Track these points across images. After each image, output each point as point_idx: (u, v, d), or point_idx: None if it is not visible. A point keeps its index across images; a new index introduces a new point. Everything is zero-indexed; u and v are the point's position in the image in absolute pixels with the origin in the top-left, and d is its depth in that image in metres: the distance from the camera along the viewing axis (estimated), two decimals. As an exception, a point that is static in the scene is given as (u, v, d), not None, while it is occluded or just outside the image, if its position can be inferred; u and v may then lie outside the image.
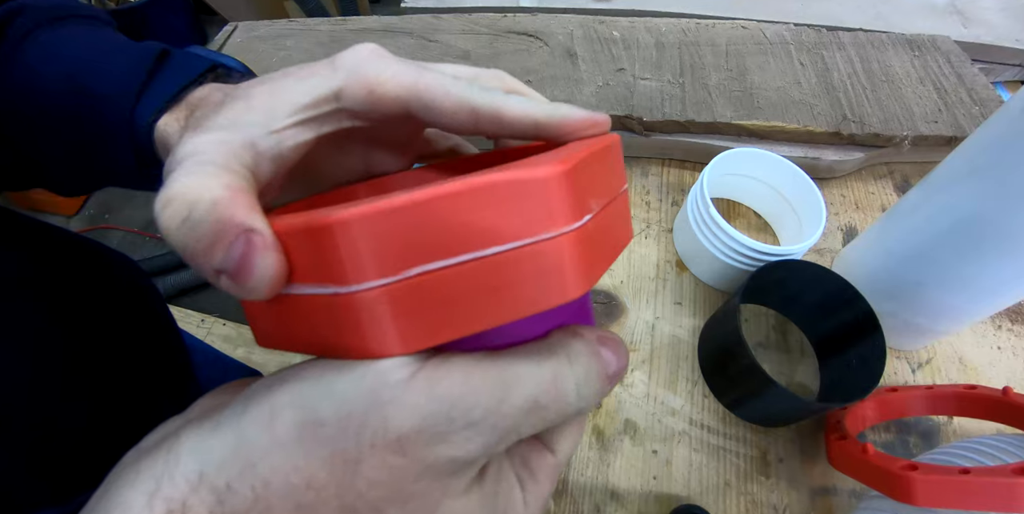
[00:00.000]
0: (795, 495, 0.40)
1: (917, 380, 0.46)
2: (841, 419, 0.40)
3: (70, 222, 1.54)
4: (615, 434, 0.43)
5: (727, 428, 0.43)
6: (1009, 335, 0.49)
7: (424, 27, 0.67)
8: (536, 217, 0.12)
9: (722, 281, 0.50)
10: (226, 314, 1.20)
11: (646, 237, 0.54)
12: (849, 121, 0.57)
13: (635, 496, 0.40)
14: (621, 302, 0.49)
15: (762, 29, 0.67)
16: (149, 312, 0.39)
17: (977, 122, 0.58)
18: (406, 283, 0.12)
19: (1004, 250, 0.36)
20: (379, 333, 0.12)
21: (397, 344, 0.12)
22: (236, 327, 1.18)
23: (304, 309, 0.13)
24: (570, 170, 0.13)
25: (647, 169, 0.59)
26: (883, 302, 0.42)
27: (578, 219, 0.13)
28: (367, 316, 0.12)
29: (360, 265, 0.12)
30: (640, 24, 0.67)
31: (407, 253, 0.12)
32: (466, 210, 0.12)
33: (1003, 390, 0.38)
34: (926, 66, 0.64)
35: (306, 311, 0.13)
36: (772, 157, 0.50)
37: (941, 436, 0.44)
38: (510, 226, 0.12)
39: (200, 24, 1.98)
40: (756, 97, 0.58)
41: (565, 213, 0.13)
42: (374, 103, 0.16)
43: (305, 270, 0.13)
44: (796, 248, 0.44)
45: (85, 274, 0.34)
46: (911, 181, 0.60)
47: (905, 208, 0.43)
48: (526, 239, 0.13)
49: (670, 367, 0.46)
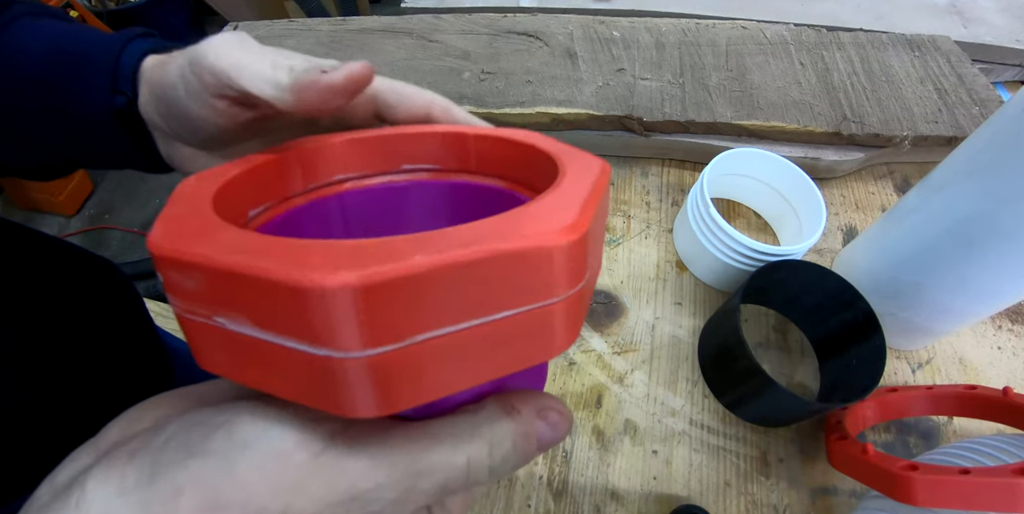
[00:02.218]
0: (795, 495, 0.40)
1: (917, 380, 0.46)
2: (841, 419, 0.40)
3: (70, 222, 1.54)
4: (615, 434, 0.43)
5: (727, 428, 0.43)
6: (1009, 335, 0.49)
7: (424, 27, 0.67)
8: (549, 282, 0.12)
9: (722, 281, 0.50)
10: (226, 314, 1.20)
11: (646, 237, 0.54)
12: (849, 121, 0.57)
13: (635, 496, 0.40)
14: (621, 302, 0.49)
15: (762, 29, 0.67)
16: (123, 313, 0.39)
17: (977, 122, 0.58)
18: (404, 350, 0.11)
19: (1004, 250, 0.36)
20: (358, 396, 0.11)
21: (373, 406, 0.12)
22: (236, 327, 1.18)
23: (270, 354, 0.12)
24: (586, 234, 0.12)
25: (647, 169, 0.59)
26: (883, 302, 0.42)
27: (580, 280, 0.13)
28: (352, 380, 0.11)
29: (357, 333, 0.11)
30: (640, 24, 0.67)
31: (410, 320, 0.11)
32: (479, 277, 0.11)
33: (1003, 390, 0.38)
34: (926, 66, 0.64)
35: (274, 356, 0.12)
36: (772, 157, 0.50)
37: (941, 436, 0.44)
38: (523, 292, 0.12)
39: (200, 24, 1.98)
40: (756, 97, 0.58)
41: (575, 275, 0.13)
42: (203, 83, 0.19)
43: (273, 317, 0.11)
44: (796, 248, 0.44)
45: (48, 275, 0.34)
46: (911, 181, 0.60)
47: (905, 208, 0.43)
48: (535, 303, 0.12)
49: (670, 367, 0.46)
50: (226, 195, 0.15)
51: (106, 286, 0.38)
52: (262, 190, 0.18)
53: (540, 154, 0.18)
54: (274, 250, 0.11)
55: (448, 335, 0.12)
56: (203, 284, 0.12)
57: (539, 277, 0.12)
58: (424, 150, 0.21)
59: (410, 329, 0.11)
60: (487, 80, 0.59)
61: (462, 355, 0.12)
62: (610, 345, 0.47)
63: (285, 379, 0.12)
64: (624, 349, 0.47)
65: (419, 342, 0.11)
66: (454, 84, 0.59)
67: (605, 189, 0.15)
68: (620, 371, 0.46)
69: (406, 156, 0.21)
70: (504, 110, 0.56)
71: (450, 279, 0.11)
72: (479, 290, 0.11)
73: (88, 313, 0.35)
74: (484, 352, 0.12)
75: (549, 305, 0.12)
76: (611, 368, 0.46)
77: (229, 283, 0.11)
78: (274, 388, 0.12)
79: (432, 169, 0.22)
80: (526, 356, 0.13)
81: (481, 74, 0.60)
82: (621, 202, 0.56)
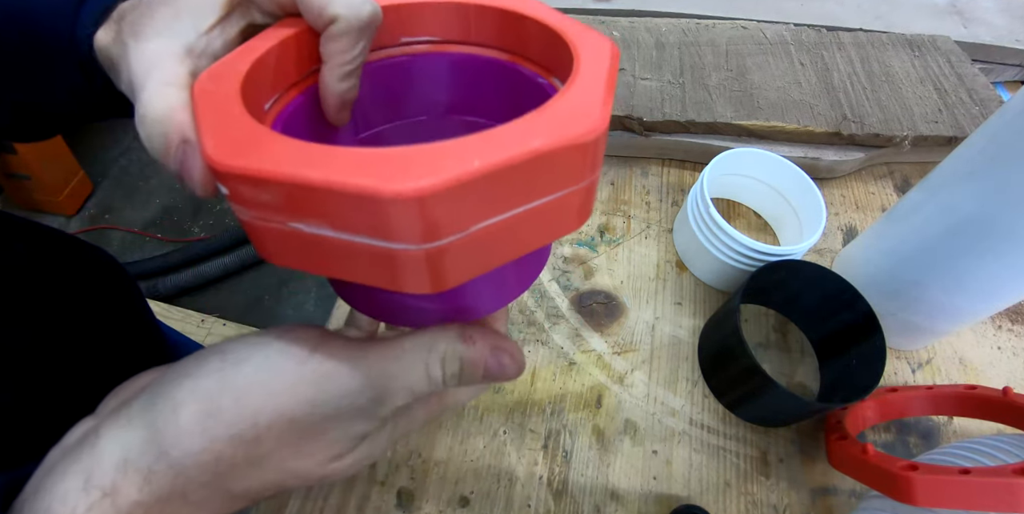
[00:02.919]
0: (795, 495, 0.40)
1: (917, 380, 0.46)
2: (841, 419, 0.40)
3: (70, 222, 1.54)
4: (615, 434, 0.43)
5: (727, 428, 0.43)
6: (1009, 335, 0.49)
7: (424, 27, 0.67)
8: (581, 170, 0.14)
9: (722, 281, 0.50)
10: (226, 314, 1.20)
11: (646, 237, 0.54)
12: (849, 121, 0.57)
13: (635, 496, 0.40)
14: (621, 302, 0.49)
15: (762, 29, 0.67)
16: (123, 305, 0.39)
17: (977, 122, 0.58)
18: (461, 239, 0.13)
19: (1004, 250, 0.36)
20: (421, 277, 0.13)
21: (428, 285, 0.14)
22: (236, 327, 1.18)
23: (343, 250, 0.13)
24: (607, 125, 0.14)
25: (647, 169, 0.59)
26: (883, 302, 0.42)
27: (600, 166, 0.16)
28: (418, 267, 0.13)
29: (428, 230, 0.12)
30: (640, 24, 0.67)
31: (470, 215, 0.13)
32: (527, 173, 0.13)
33: (1003, 390, 0.38)
34: (926, 66, 0.64)
35: (345, 252, 0.13)
36: (772, 157, 0.50)
37: (941, 436, 0.44)
38: (559, 181, 0.14)
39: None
40: (756, 97, 0.58)
41: (598, 162, 0.15)
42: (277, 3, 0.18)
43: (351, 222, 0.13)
44: (796, 248, 0.44)
45: (47, 265, 0.34)
46: (911, 181, 0.60)
47: (905, 208, 0.43)
48: (568, 188, 0.14)
49: (670, 367, 0.46)
50: (247, 94, 0.16)
51: (106, 277, 0.38)
52: (271, 81, 0.18)
53: (545, 30, 0.18)
54: (343, 161, 0.12)
55: (496, 222, 0.13)
56: (280, 197, 0.13)
57: (575, 168, 0.14)
58: (422, 22, 0.21)
59: (469, 221, 0.13)
60: (487, 80, 0.59)
61: (503, 237, 0.14)
62: (610, 345, 0.47)
63: (354, 267, 0.14)
64: (624, 349, 0.47)
65: (473, 231, 0.13)
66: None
67: (615, 76, 0.17)
68: (620, 371, 0.46)
69: (404, 29, 0.21)
70: (504, 110, 0.56)
71: (504, 178, 0.13)
72: (526, 183, 0.13)
73: (88, 304, 0.35)
74: (521, 233, 0.14)
75: (578, 189, 0.15)
76: (611, 368, 0.46)
77: (309, 195, 0.12)
78: (341, 273, 0.14)
79: (431, 41, 0.21)
80: (552, 232, 0.15)
81: (481, 74, 0.60)
82: (621, 202, 0.56)
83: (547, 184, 0.14)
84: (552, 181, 0.14)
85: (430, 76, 0.22)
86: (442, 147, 0.12)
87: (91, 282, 0.37)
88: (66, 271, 0.35)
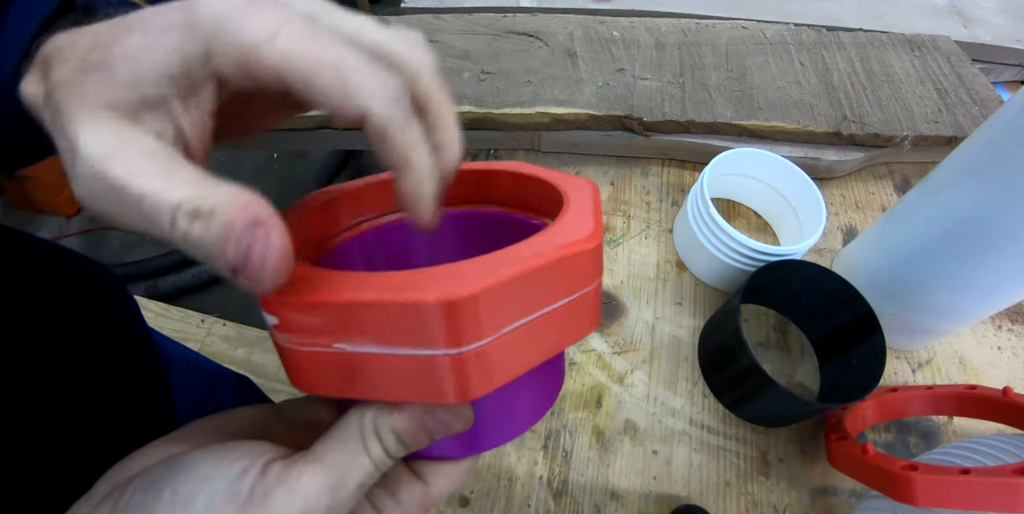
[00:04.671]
0: (795, 495, 0.40)
1: (917, 380, 0.46)
2: (841, 419, 0.40)
3: (70, 222, 1.54)
4: (615, 434, 0.43)
5: (727, 428, 0.43)
6: (1009, 335, 0.49)
7: (424, 27, 0.67)
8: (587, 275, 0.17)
9: (722, 281, 0.50)
10: (226, 314, 1.20)
11: (646, 237, 0.54)
12: (849, 121, 0.57)
13: (635, 496, 0.40)
14: (621, 302, 0.49)
15: (762, 29, 0.67)
16: (113, 318, 0.37)
17: (977, 122, 0.58)
18: (496, 340, 0.14)
19: (1004, 250, 0.36)
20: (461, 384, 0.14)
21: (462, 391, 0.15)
22: (236, 327, 1.18)
23: (382, 364, 0.15)
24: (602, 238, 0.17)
25: (647, 169, 0.59)
26: (883, 302, 0.42)
27: (602, 272, 0.18)
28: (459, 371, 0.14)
29: (470, 330, 0.14)
30: (640, 24, 0.67)
31: (503, 315, 0.14)
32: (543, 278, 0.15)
33: (1003, 390, 0.38)
34: (926, 66, 0.64)
35: (385, 365, 0.15)
36: (772, 157, 0.50)
37: (941, 436, 0.44)
38: (570, 285, 0.16)
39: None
40: (756, 97, 0.58)
41: (600, 268, 0.18)
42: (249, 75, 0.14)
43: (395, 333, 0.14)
44: (796, 248, 0.44)
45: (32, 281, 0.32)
46: (911, 181, 0.60)
47: (905, 208, 0.43)
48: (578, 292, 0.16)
49: (670, 367, 0.46)
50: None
51: (91, 290, 0.36)
52: (302, 240, 0.20)
53: (537, 182, 0.22)
54: (381, 283, 0.14)
55: (524, 324, 0.15)
56: (328, 319, 0.14)
57: (584, 271, 0.16)
58: None
59: (501, 322, 0.14)
60: (487, 80, 0.59)
61: (530, 340, 0.16)
62: (610, 345, 0.47)
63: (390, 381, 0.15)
64: (624, 349, 0.47)
65: (505, 333, 0.15)
66: (454, 84, 0.59)
67: (600, 203, 0.19)
68: (620, 371, 0.46)
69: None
70: (504, 110, 0.56)
71: (529, 281, 0.15)
72: (546, 286, 0.15)
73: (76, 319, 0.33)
74: (545, 335, 0.16)
75: (588, 292, 0.17)
76: (611, 368, 0.46)
77: (355, 314, 0.14)
78: (376, 391, 0.15)
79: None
80: (570, 334, 0.17)
81: (481, 74, 0.60)
82: (621, 202, 0.56)
83: (563, 287, 0.16)
84: (567, 284, 0.16)
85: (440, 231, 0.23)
86: (471, 263, 0.14)
87: (73, 298, 0.35)
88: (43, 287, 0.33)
